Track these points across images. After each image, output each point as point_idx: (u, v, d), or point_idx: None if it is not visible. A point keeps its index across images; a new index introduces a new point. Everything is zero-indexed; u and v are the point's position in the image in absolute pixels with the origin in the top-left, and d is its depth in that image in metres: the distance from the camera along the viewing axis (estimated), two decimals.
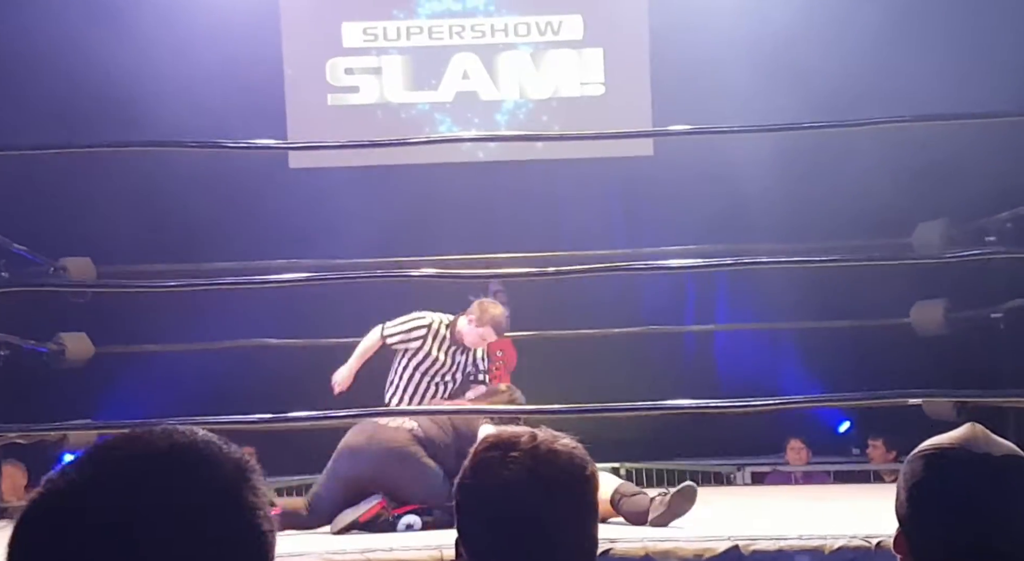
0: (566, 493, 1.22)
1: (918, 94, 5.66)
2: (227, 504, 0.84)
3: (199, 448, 0.85)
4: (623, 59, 7.01)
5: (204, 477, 0.84)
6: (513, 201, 7.00)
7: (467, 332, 4.80)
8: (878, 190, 6.25)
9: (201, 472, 0.84)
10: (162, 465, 0.84)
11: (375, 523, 4.05)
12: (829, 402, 5.88)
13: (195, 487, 0.83)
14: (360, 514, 4.07)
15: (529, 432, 1.26)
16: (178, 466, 0.84)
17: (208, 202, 6.52)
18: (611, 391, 4.77)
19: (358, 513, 4.08)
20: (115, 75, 6.27)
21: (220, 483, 0.85)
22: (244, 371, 6.39)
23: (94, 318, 5.72)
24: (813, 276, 5.80)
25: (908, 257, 5.34)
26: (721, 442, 6.26)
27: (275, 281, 4.54)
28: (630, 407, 4.16)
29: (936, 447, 1.33)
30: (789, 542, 3.20)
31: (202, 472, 0.84)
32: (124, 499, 0.82)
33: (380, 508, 4.07)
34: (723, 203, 6.63)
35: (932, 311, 5.87)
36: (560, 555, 1.21)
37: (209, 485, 0.84)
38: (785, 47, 6.51)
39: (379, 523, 4.04)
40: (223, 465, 0.86)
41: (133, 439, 0.86)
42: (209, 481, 0.84)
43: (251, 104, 6.47)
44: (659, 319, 6.60)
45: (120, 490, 0.82)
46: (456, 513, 1.26)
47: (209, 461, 0.85)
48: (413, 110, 7.09)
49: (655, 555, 3.20)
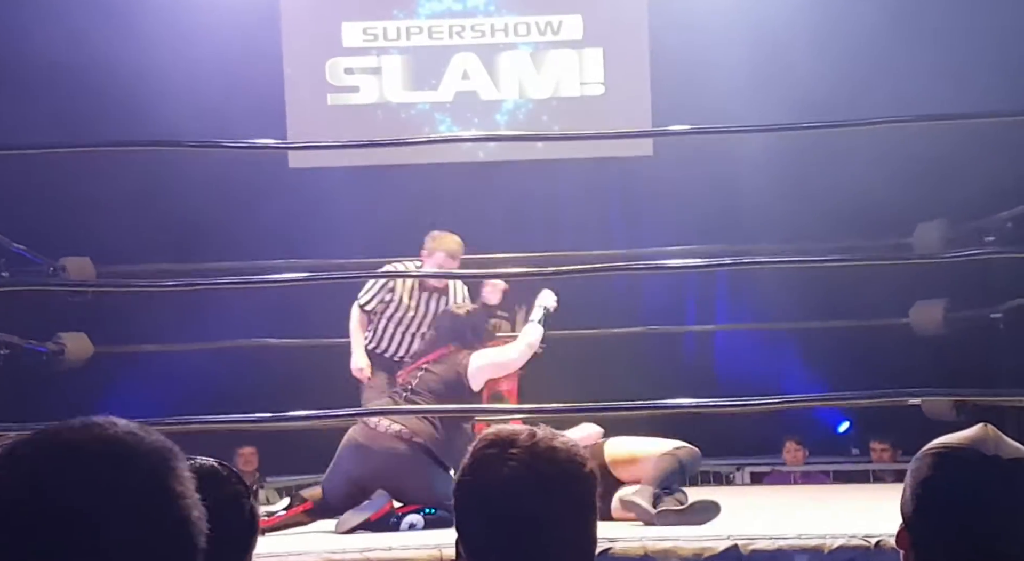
0: (565, 491, 1.22)
1: (918, 94, 5.67)
2: (152, 492, 0.84)
3: (120, 438, 0.85)
4: (623, 59, 7.01)
5: (126, 467, 0.84)
6: (513, 201, 7.00)
7: (426, 269, 4.81)
8: (877, 190, 6.25)
9: (123, 461, 0.84)
10: (84, 457, 0.84)
11: (380, 523, 4.05)
12: (828, 402, 5.88)
13: (118, 477, 0.83)
14: (369, 515, 4.07)
15: (528, 430, 1.26)
16: (100, 457, 0.84)
17: (208, 202, 6.52)
18: (611, 391, 4.77)
19: (367, 514, 4.07)
20: (115, 75, 6.28)
21: (143, 472, 0.84)
22: (243, 371, 6.39)
23: (93, 318, 5.72)
24: (812, 276, 5.80)
25: (907, 257, 5.35)
26: (720, 442, 6.24)
27: (274, 281, 4.55)
28: (629, 406, 4.17)
29: (946, 446, 1.33)
30: (788, 541, 3.20)
31: (124, 461, 0.84)
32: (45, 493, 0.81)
33: (389, 509, 4.07)
34: (723, 203, 6.63)
35: (931, 311, 5.87)
36: (558, 553, 1.21)
37: (132, 474, 0.84)
38: (785, 47, 6.51)
39: (384, 523, 4.04)
40: (146, 454, 0.85)
41: (53, 433, 0.85)
42: (132, 470, 0.84)
43: (251, 104, 6.47)
44: (659, 319, 6.60)
45: (41, 484, 0.82)
46: (455, 511, 1.26)
47: (131, 451, 0.85)
48: (413, 110, 7.09)
49: (654, 554, 3.20)
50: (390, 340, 4.98)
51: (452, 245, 4.82)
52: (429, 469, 4.09)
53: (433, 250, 4.80)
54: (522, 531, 1.20)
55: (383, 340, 5.00)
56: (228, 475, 1.47)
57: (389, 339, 4.98)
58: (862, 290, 5.85)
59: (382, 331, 4.98)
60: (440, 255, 4.78)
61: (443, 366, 4.26)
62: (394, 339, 4.98)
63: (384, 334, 4.99)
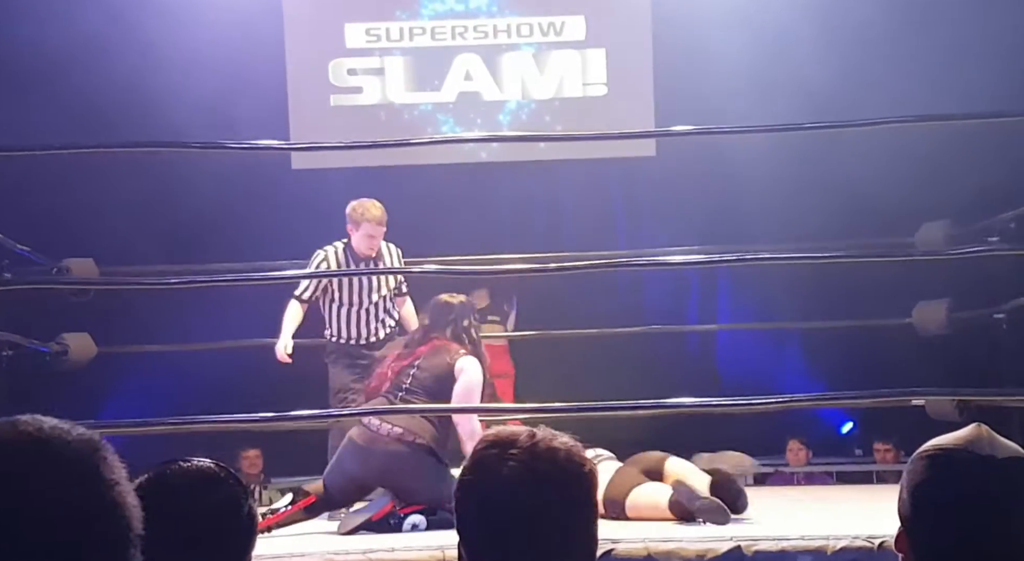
0: (565, 491, 1.22)
1: (922, 94, 5.66)
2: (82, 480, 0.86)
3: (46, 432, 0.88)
4: (626, 59, 7.00)
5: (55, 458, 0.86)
6: (516, 202, 7.00)
7: (355, 241, 4.79)
8: (881, 190, 6.24)
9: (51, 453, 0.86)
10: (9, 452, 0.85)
11: (382, 523, 4.04)
12: (831, 401, 5.87)
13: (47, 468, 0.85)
14: (370, 516, 4.07)
15: (528, 431, 1.26)
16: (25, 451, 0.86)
17: (211, 203, 6.52)
18: (613, 391, 4.76)
19: (368, 515, 4.07)
20: (119, 77, 6.28)
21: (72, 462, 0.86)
22: (247, 371, 6.39)
23: (96, 318, 5.73)
24: (816, 277, 5.79)
25: (910, 254, 5.34)
26: (723, 443, 6.25)
27: (276, 278, 4.56)
28: (632, 405, 4.16)
29: (940, 447, 1.33)
30: (791, 543, 3.20)
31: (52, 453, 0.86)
32: None
33: (391, 509, 4.07)
34: (725, 203, 6.62)
35: (934, 311, 5.86)
36: (560, 552, 1.21)
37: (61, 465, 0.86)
38: (787, 47, 6.50)
39: (386, 523, 4.03)
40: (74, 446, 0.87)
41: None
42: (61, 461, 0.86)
43: (254, 105, 6.47)
44: (662, 319, 6.60)
45: None
46: (456, 512, 1.26)
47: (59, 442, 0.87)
48: (416, 111, 7.09)
49: (657, 555, 3.20)
50: (347, 325, 4.91)
51: (376, 212, 4.78)
52: (433, 469, 4.09)
53: (359, 221, 4.76)
54: (523, 531, 1.20)
55: (341, 327, 4.92)
56: (226, 476, 1.47)
57: (346, 324, 4.91)
58: (865, 290, 5.85)
59: (335, 318, 4.91)
60: (367, 226, 4.75)
61: (435, 360, 4.25)
62: (351, 322, 4.90)
63: (339, 321, 4.91)
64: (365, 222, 4.76)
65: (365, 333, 4.91)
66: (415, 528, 4.01)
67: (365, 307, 4.90)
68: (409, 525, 4.02)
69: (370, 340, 4.93)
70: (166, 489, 1.40)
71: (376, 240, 4.82)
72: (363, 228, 4.76)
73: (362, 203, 4.82)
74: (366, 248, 4.80)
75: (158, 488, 1.42)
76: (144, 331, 6.15)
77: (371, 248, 4.82)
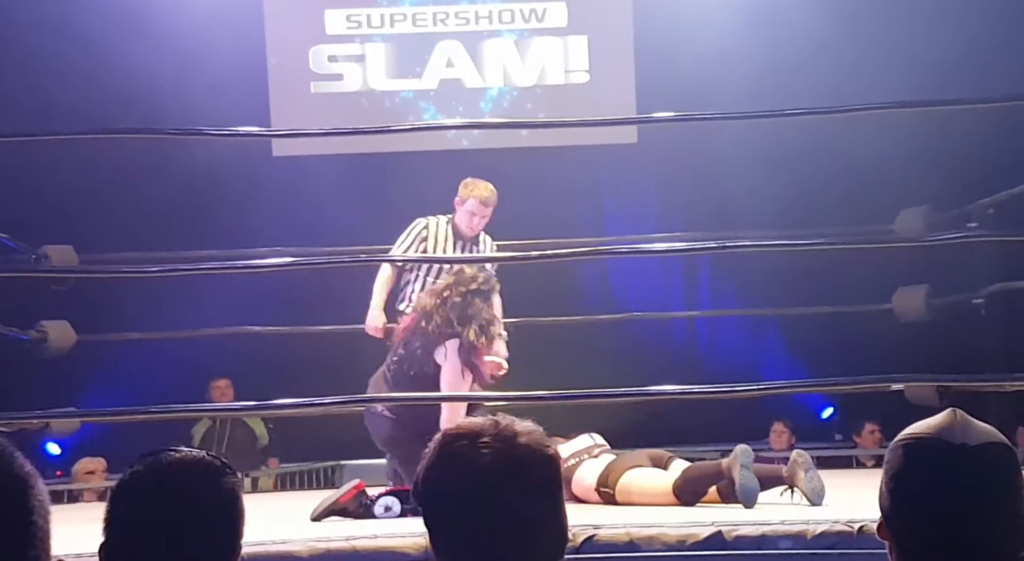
0: (537, 475, 1.24)
1: (904, 80, 5.68)
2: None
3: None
4: (607, 47, 7.00)
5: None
6: (497, 189, 6.98)
7: (458, 217, 4.75)
8: (861, 178, 6.28)
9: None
10: None
11: (354, 506, 4.03)
12: (811, 387, 5.90)
13: None
14: (339, 497, 4.06)
15: (490, 419, 1.27)
16: None
17: (191, 191, 6.50)
18: (596, 378, 4.78)
19: (336, 497, 4.07)
20: (97, 63, 6.24)
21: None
22: (228, 359, 6.38)
23: (76, 306, 5.70)
24: (797, 263, 5.82)
25: (889, 241, 5.37)
26: (705, 428, 6.28)
27: (257, 266, 4.52)
28: (614, 393, 4.17)
29: (913, 436, 1.33)
30: (772, 527, 3.22)
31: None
32: None
33: (357, 491, 4.06)
34: (707, 190, 6.64)
35: (914, 297, 5.90)
36: (538, 536, 1.22)
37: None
38: (769, 34, 6.52)
39: (358, 506, 4.02)
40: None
41: None
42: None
43: (234, 92, 6.44)
44: (644, 307, 6.62)
45: None
46: (424, 508, 1.26)
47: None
48: (397, 98, 7.07)
49: (639, 541, 3.21)
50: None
51: (485, 192, 4.76)
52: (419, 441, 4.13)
53: (465, 198, 4.75)
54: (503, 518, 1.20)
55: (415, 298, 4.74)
56: (220, 466, 1.47)
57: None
58: (845, 276, 5.88)
59: (412, 288, 4.77)
60: (472, 202, 4.73)
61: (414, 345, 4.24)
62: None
63: (415, 291, 4.75)
64: (471, 199, 4.73)
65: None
66: (388, 510, 3.94)
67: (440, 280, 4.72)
68: (382, 507, 3.95)
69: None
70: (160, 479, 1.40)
71: (478, 219, 4.76)
72: (468, 204, 4.73)
73: (475, 180, 4.80)
74: (466, 226, 4.75)
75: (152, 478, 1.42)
76: (124, 319, 6.13)
77: (471, 227, 4.76)
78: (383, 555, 3.15)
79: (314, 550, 3.15)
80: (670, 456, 4.17)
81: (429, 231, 4.78)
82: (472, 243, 4.85)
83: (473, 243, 4.85)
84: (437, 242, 4.78)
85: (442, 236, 4.78)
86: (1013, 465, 1.33)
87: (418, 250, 4.76)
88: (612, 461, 4.11)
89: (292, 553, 3.14)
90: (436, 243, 4.78)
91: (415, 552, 3.13)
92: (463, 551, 1.21)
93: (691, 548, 3.17)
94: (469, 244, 4.84)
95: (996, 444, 1.31)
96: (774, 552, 3.16)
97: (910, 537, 1.30)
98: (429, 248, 4.77)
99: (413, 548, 3.15)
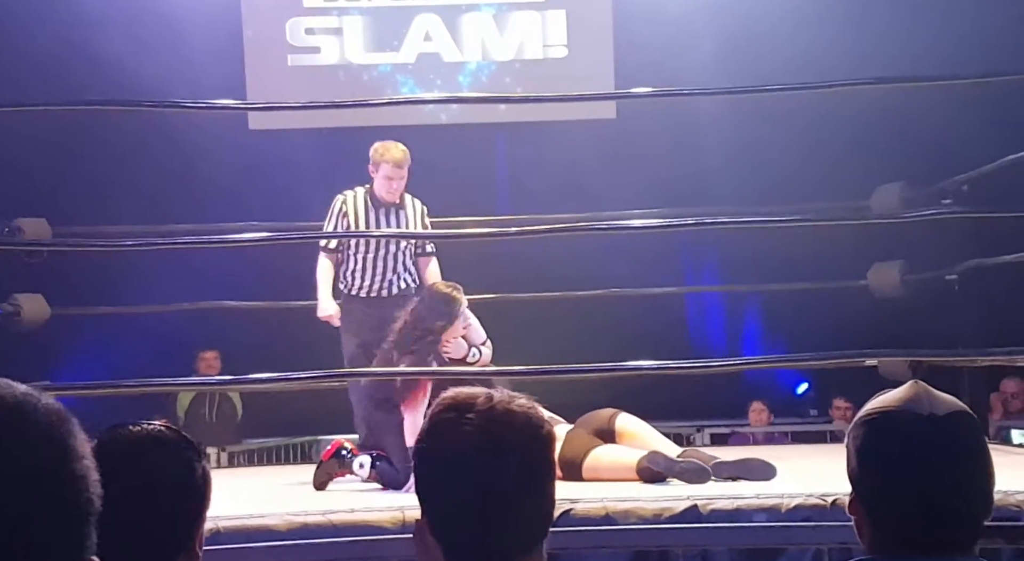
0: (523, 453, 1.22)
1: (882, 56, 5.70)
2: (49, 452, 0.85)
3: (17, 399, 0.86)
4: (586, 21, 6.97)
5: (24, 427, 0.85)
6: (476, 164, 6.97)
7: (376, 185, 4.57)
8: (838, 154, 6.30)
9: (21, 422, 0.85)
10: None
11: (336, 462, 4.20)
12: (786, 363, 5.95)
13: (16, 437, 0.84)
14: (320, 459, 4.21)
15: (485, 393, 1.26)
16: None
17: (166, 164, 6.45)
18: (575, 354, 4.78)
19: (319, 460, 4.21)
20: (71, 34, 6.16)
21: (41, 432, 0.86)
22: (203, 334, 6.36)
23: (49, 280, 5.66)
24: (773, 239, 5.83)
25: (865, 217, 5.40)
26: (681, 404, 6.31)
27: (233, 241, 4.49)
28: (592, 369, 4.19)
29: (879, 410, 1.34)
30: (747, 501, 3.25)
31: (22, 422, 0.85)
32: None
33: (336, 447, 4.24)
34: (685, 166, 6.65)
35: (888, 273, 5.94)
36: (518, 516, 1.21)
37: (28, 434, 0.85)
38: (747, 10, 6.51)
39: (339, 461, 4.20)
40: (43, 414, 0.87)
41: None
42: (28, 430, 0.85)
43: (210, 64, 6.38)
44: (622, 283, 6.63)
45: None
46: (415, 476, 1.26)
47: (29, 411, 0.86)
48: (375, 72, 7.02)
49: (615, 515, 3.23)
50: (362, 275, 4.64)
51: (397, 154, 4.56)
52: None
53: (378, 163, 4.56)
54: (482, 494, 1.20)
55: (352, 276, 4.67)
56: (177, 438, 1.46)
57: (360, 272, 4.64)
58: (821, 253, 5.90)
59: (348, 266, 4.65)
60: (386, 167, 4.54)
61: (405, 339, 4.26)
62: (366, 273, 4.64)
63: (351, 270, 4.65)
64: (384, 163, 4.55)
65: (377, 285, 4.63)
66: (361, 467, 4.19)
67: (383, 256, 4.63)
68: (358, 464, 4.20)
69: (381, 294, 4.63)
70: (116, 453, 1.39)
71: (395, 183, 4.57)
72: (382, 169, 4.55)
73: (384, 144, 4.62)
74: (386, 193, 4.57)
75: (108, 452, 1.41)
76: (99, 293, 6.09)
77: (391, 192, 4.58)
78: (360, 528, 3.16)
79: (291, 524, 3.16)
80: (612, 414, 4.19)
81: (348, 206, 4.60)
82: (397, 208, 4.65)
83: (399, 208, 4.65)
84: (358, 215, 4.60)
85: (361, 208, 4.60)
86: (980, 433, 1.35)
87: (342, 227, 4.61)
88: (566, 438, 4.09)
89: (270, 527, 3.15)
90: (357, 216, 4.60)
91: (392, 525, 3.14)
92: (446, 523, 1.21)
93: (667, 521, 3.20)
94: (393, 210, 4.64)
95: (962, 413, 1.33)
96: (748, 525, 3.19)
97: (883, 509, 1.31)
98: (351, 223, 4.60)
99: (390, 522, 3.16)
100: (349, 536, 3.13)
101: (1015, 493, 3.13)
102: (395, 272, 4.65)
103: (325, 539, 3.12)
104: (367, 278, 4.63)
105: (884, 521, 1.31)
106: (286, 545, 3.09)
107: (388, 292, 4.63)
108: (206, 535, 1.53)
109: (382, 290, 4.63)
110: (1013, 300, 5.50)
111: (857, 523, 1.35)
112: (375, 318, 4.53)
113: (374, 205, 4.61)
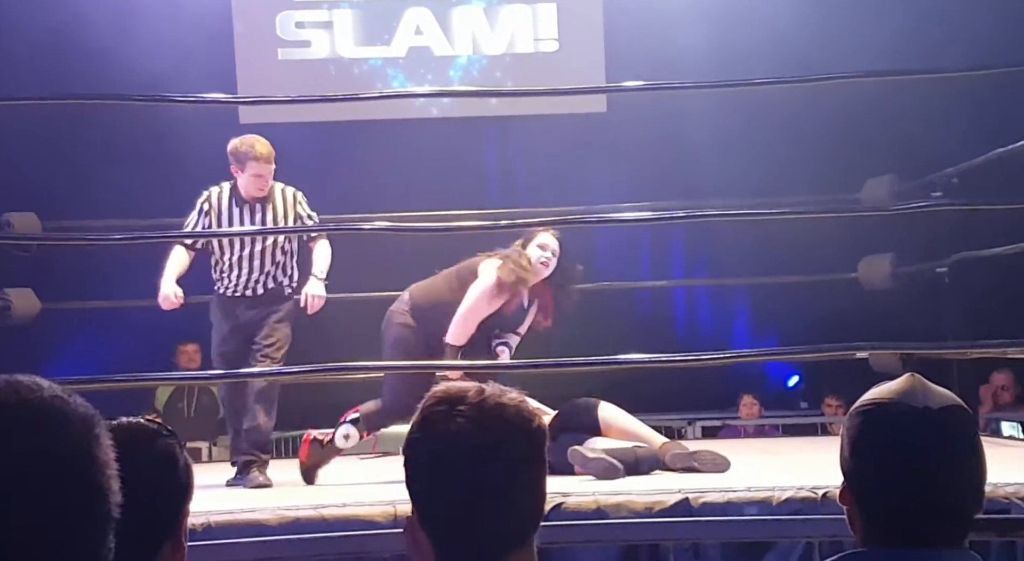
0: (514, 448, 1.22)
1: (875, 50, 5.70)
2: (76, 460, 0.85)
3: (48, 403, 0.85)
4: (577, 15, 6.97)
5: (53, 434, 0.84)
6: (467, 158, 6.96)
7: (243, 183, 4.36)
8: (828, 147, 6.31)
9: (50, 428, 0.84)
10: (8, 422, 0.83)
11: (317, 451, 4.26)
12: (777, 356, 5.96)
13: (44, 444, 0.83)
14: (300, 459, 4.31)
15: (477, 386, 1.25)
16: (25, 423, 0.83)
17: (156, 158, 6.42)
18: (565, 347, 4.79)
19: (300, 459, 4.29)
20: (60, 28, 6.14)
21: (69, 440, 0.85)
22: (193, 327, 6.34)
23: (40, 274, 5.64)
24: (764, 233, 5.85)
25: (856, 209, 5.41)
26: (672, 397, 6.32)
27: (223, 234, 4.44)
28: (582, 362, 4.19)
29: (875, 401, 1.34)
30: (738, 494, 3.25)
31: (51, 428, 0.84)
32: None
33: (309, 441, 4.29)
34: (676, 160, 6.65)
35: (879, 266, 5.96)
36: (509, 509, 1.21)
37: (58, 441, 0.84)
38: (737, 3, 6.51)
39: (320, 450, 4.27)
40: (72, 421, 0.86)
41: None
42: (58, 438, 0.84)
43: (200, 58, 6.36)
44: (613, 276, 6.63)
45: None
46: (405, 468, 1.26)
47: (59, 416, 0.85)
48: (365, 65, 7.01)
49: (606, 508, 3.23)
50: (228, 274, 4.42)
51: (263, 150, 4.33)
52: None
53: (244, 162, 4.33)
54: (472, 488, 1.20)
55: (222, 277, 4.44)
56: (158, 430, 1.46)
57: (227, 272, 4.42)
58: (812, 246, 5.91)
59: (215, 266, 4.45)
60: (254, 165, 4.31)
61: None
62: (232, 272, 4.41)
63: (222, 271, 4.44)
64: (251, 161, 4.31)
65: (243, 284, 4.42)
66: (347, 439, 4.27)
67: (248, 254, 4.42)
68: (342, 437, 4.26)
69: (245, 293, 4.43)
70: None
71: (264, 180, 4.36)
72: (249, 167, 4.32)
73: (245, 140, 4.38)
74: (255, 189, 4.35)
75: None
76: (89, 287, 6.07)
77: (260, 189, 4.36)
78: (351, 523, 3.16)
79: (283, 518, 3.16)
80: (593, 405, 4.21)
81: (211, 203, 4.42)
82: (263, 203, 4.43)
83: (264, 203, 4.43)
84: (221, 213, 4.41)
85: (225, 204, 4.41)
86: (973, 427, 1.36)
87: (203, 226, 4.41)
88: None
89: (260, 521, 3.14)
90: (220, 214, 4.42)
91: (383, 520, 3.14)
92: (436, 517, 1.21)
93: (658, 515, 3.20)
94: (259, 205, 4.43)
95: (956, 407, 1.33)
96: (740, 518, 3.20)
97: (875, 501, 1.31)
98: (213, 221, 4.41)
99: (381, 516, 3.16)
100: (340, 531, 3.13)
101: (1004, 485, 3.14)
102: (263, 271, 4.44)
103: (316, 534, 3.12)
104: (232, 277, 4.44)
105: (875, 512, 1.31)
106: (277, 540, 3.09)
107: (253, 292, 4.45)
108: (198, 530, 1.54)
109: (247, 290, 4.44)
110: (1003, 292, 5.52)
111: (849, 514, 1.35)
112: (239, 317, 4.40)
113: (238, 203, 4.41)
